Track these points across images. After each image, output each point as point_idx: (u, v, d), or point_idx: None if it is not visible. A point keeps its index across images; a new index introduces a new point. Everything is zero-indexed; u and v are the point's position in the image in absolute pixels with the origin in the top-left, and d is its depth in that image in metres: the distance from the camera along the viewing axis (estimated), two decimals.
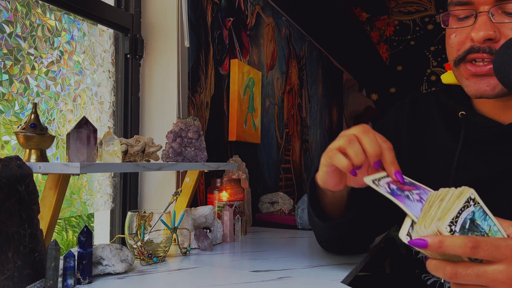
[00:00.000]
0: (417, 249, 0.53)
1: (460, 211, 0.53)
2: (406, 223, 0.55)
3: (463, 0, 0.74)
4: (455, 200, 0.54)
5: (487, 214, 0.54)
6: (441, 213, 0.53)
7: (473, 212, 0.53)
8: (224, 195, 1.34)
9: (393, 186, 0.62)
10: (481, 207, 0.54)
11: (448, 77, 0.85)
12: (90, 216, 3.04)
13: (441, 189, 0.57)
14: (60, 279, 0.75)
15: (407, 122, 0.92)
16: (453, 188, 0.56)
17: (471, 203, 0.53)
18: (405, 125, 0.92)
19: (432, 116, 0.89)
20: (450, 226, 0.52)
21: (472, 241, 0.50)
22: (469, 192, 0.54)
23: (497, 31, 0.71)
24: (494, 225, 0.54)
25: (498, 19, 0.71)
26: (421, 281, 0.85)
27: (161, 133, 1.31)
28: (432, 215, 0.53)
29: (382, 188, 0.61)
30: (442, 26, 0.78)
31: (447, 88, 0.87)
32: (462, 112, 0.81)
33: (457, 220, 0.52)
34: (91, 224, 2.31)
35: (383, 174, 0.65)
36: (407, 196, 0.60)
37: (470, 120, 0.80)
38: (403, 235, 0.55)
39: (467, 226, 0.53)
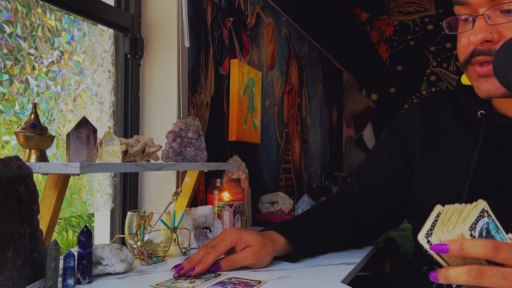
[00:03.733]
0: (435, 256, 0.54)
1: (477, 220, 0.55)
2: (426, 227, 0.58)
3: (461, 0, 0.74)
4: (471, 210, 0.56)
5: (499, 228, 0.56)
6: (462, 220, 0.55)
7: (488, 223, 0.56)
8: (224, 195, 1.34)
9: None
10: (493, 220, 0.56)
11: (467, 79, 0.86)
12: (91, 216, 3.04)
13: (457, 204, 0.59)
14: (60, 279, 0.75)
15: (419, 124, 0.92)
16: (469, 204, 0.58)
17: (485, 214, 0.56)
18: (418, 128, 0.92)
19: (447, 116, 0.89)
20: (470, 230, 0.54)
21: (493, 243, 0.51)
22: (483, 204, 0.56)
23: (495, 32, 0.71)
24: (505, 239, 0.56)
25: (494, 21, 0.71)
26: (428, 278, 0.85)
27: (161, 133, 1.31)
28: (454, 222, 0.55)
29: None
30: (447, 32, 0.78)
31: (466, 88, 0.87)
32: (482, 111, 0.80)
33: (475, 227, 0.54)
34: (92, 224, 2.31)
35: None
36: None
37: (490, 119, 0.80)
38: (421, 237, 0.57)
39: (484, 234, 0.55)
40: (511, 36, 0.69)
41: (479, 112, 0.81)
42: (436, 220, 0.58)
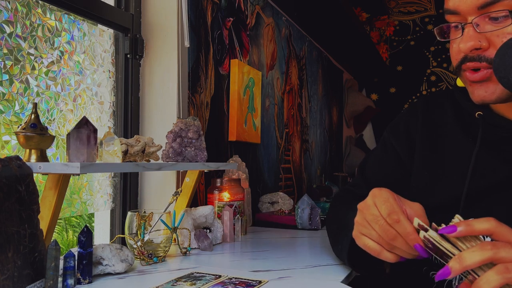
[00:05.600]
0: (440, 247, 0.56)
1: None
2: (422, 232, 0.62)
3: (451, 9, 0.76)
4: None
5: None
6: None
7: None
8: (224, 195, 1.34)
9: None
10: None
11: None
12: (91, 215, 3.04)
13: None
14: (60, 279, 0.75)
15: (421, 124, 0.92)
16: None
17: None
18: (419, 127, 0.92)
19: (446, 117, 0.89)
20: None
21: (493, 218, 0.56)
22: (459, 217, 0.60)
23: (484, 39, 0.72)
24: None
25: (483, 28, 0.72)
26: (428, 278, 0.85)
27: (161, 133, 1.31)
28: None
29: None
30: (439, 38, 0.79)
31: (463, 89, 0.87)
32: (479, 112, 0.81)
33: None
34: (92, 224, 2.31)
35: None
36: None
37: (487, 120, 0.80)
38: (421, 234, 0.61)
39: None
40: (500, 43, 0.70)
41: (476, 113, 0.81)
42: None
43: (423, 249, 0.62)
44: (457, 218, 0.58)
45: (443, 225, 0.58)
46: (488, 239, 0.58)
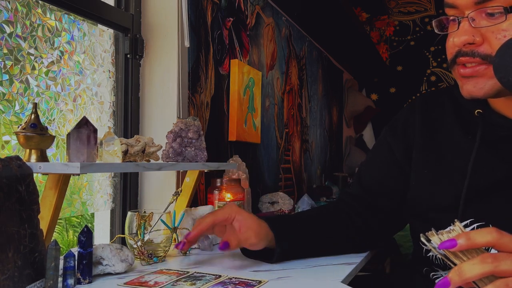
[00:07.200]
0: (443, 258, 0.55)
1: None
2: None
3: (449, 2, 0.76)
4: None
5: None
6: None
7: None
8: (224, 195, 1.34)
9: None
10: None
11: None
12: (91, 215, 3.04)
13: None
14: (60, 279, 0.75)
15: (419, 122, 0.92)
16: None
17: None
18: (418, 126, 0.92)
19: (445, 115, 0.89)
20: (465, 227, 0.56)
21: (495, 228, 0.53)
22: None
23: (478, 35, 0.72)
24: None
25: (478, 24, 0.72)
26: (429, 279, 0.85)
27: (161, 133, 1.31)
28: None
29: None
30: (437, 31, 0.79)
31: None
32: (479, 110, 0.80)
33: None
34: (92, 224, 2.31)
35: None
36: None
37: (487, 118, 0.80)
38: (423, 239, 0.58)
39: None
40: (494, 39, 0.70)
41: (476, 111, 0.81)
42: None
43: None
44: (457, 227, 0.56)
45: (444, 235, 0.55)
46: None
